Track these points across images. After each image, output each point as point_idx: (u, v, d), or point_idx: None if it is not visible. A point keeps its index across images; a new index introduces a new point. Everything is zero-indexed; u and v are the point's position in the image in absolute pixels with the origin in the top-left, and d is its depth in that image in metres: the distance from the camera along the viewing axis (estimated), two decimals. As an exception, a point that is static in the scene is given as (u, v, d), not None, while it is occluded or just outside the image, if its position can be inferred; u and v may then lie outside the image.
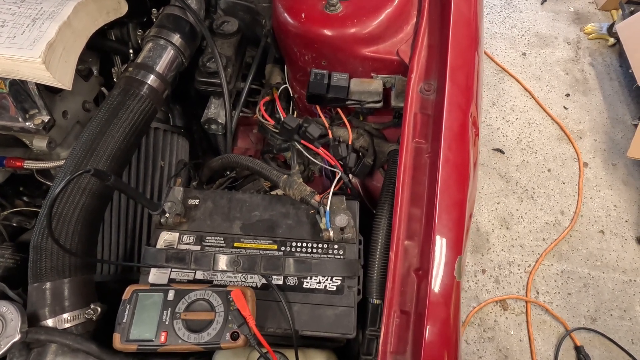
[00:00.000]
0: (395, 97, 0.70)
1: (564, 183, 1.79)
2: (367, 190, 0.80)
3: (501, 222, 1.71)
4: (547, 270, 1.60)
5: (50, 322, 0.52)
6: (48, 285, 0.54)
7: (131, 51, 0.86)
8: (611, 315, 1.51)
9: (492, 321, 1.51)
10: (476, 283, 1.58)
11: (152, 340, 0.47)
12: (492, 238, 1.68)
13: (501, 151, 1.87)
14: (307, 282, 0.56)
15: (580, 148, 1.87)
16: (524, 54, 2.16)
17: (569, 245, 1.65)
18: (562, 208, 1.73)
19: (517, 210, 1.73)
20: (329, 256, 0.58)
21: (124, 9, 0.76)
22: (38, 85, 0.67)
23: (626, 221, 1.70)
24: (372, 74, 0.71)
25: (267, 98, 0.81)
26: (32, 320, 0.52)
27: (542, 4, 2.35)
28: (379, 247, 0.60)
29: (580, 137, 1.90)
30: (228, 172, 0.81)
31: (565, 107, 1.99)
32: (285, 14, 0.70)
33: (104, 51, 0.86)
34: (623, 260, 1.61)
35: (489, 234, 1.68)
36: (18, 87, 0.68)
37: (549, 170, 1.82)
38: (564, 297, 1.55)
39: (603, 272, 1.59)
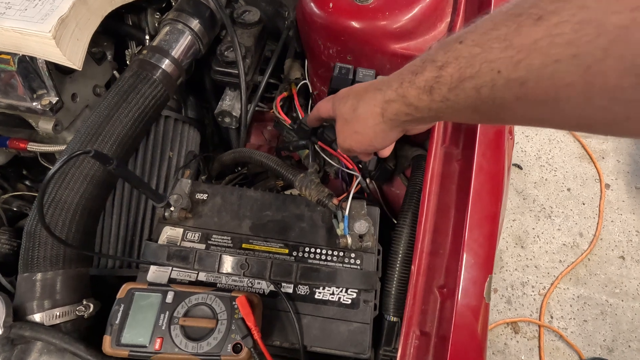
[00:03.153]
0: (423, 99, 0.65)
1: (584, 204, 1.72)
2: (385, 196, 0.75)
3: (516, 240, 1.64)
4: (562, 294, 1.53)
5: (37, 317, 0.48)
6: (39, 276, 0.49)
7: (147, 37, 0.82)
8: (629, 346, 1.43)
9: (503, 344, 1.43)
10: (487, 302, 1.51)
11: (145, 347, 0.43)
12: (505, 256, 1.61)
13: (519, 167, 1.80)
14: (320, 293, 0.51)
15: (603, 168, 1.79)
16: (547, 68, 2.10)
17: (587, 270, 1.58)
18: (581, 230, 1.66)
19: (533, 229, 1.66)
20: (344, 265, 0.53)
21: (143, -9, 0.73)
22: (48, 64, 0.64)
23: (649, 248, 1.62)
24: (400, 73, 0.67)
25: (285, 94, 0.77)
26: (18, 313, 0.48)
27: (568, 19, 2.29)
28: (399, 259, 0.55)
29: (603, 157, 1.83)
30: (239, 168, 0.77)
31: (588, 126, 1.92)
32: (312, 4, 0.66)
33: (120, 35, 0.83)
34: (644, 289, 1.53)
35: (502, 252, 1.62)
36: (27, 65, 0.64)
37: (568, 189, 1.75)
38: (580, 323, 1.47)
39: (622, 300, 1.51)
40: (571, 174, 1.79)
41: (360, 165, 0.68)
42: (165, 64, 0.65)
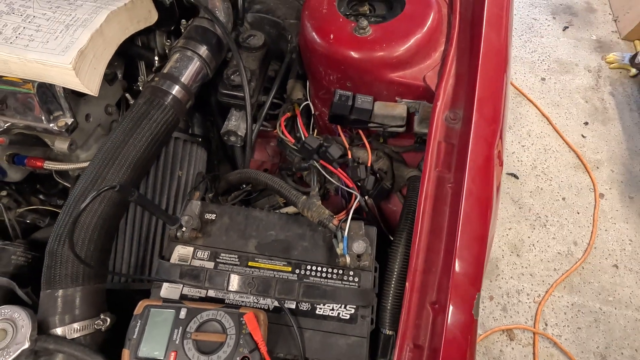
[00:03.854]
0: (418, 123, 0.69)
1: (578, 213, 1.75)
2: (383, 213, 0.79)
3: (512, 249, 1.68)
4: (557, 302, 1.56)
5: (59, 331, 0.52)
6: (60, 292, 0.53)
7: (156, 58, 0.87)
8: (622, 354, 1.47)
9: (498, 351, 1.47)
10: (483, 310, 1.55)
11: (161, 360, 0.46)
12: (501, 264, 1.64)
13: (515, 176, 1.84)
14: (321, 309, 0.55)
15: (597, 178, 1.83)
16: (543, 79, 2.15)
17: (581, 278, 1.61)
18: (576, 238, 1.69)
19: (528, 237, 1.70)
20: (343, 283, 0.57)
21: (154, 18, 0.77)
22: (64, 88, 0.68)
23: (641, 257, 1.65)
24: (397, 98, 0.71)
25: (288, 114, 0.81)
26: (41, 327, 0.52)
27: (564, 30, 2.34)
28: (394, 276, 0.59)
29: (597, 167, 1.87)
30: (244, 185, 0.81)
31: (583, 136, 1.96)
32: (314, 33, 0.70)
33: (130, 56, 0.87)
34: (637, 297, 1.57)
35: (498, 260, 1.65)
36: (45, 89, 0.68)
37: (563, 198, 1.79)
38: (574, 331, 1.51)
39: (615, 308, 1.55)
40: (566, 183, 1.83)
41: (359, 184, 0.72)
42: (176, 90, 0.69)
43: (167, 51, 0.83)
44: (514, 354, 1.46)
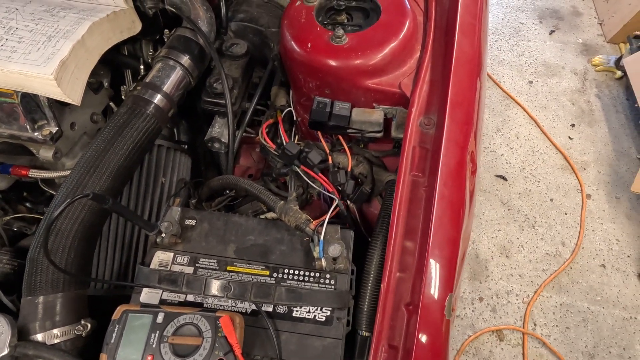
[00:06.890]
0: (395, 128, 0.71)
1: (566, 214, 1.78)
2: (364, 216, 0.80)
3: (501, 250, 1.70)
4: (545, 302, 1.58)
5: (39, 337, 0.53)
6: (41, 299, 0.54)
7: (142, 67, 0.88)
8: (610, 352, 1.48)
9: (488, 351, 1.48)
10: (473, 311, 1.56)
11: (137, 363, 0.47)
12: (490, 265, 1.66)
13: (504, 178, 1.86)
14: (297, 311, 0.56)
15: (584, 179, 1.86)
16: (530, 82, 2.18)
17: (569, 278, 1.63)
18: (564, 239, 1.72)
19: (517, 238, 1.72)
20: (320, 286, 0.58)
21: (137, 27, 0.79)
22: (49, 97, 0.69)
23: (628, 256, 1.67)
24: (374, 105, 0.72)
25: (271, 121, 0.82)
26: (22, 333, 0.52)
27: (550, 34, 2.37)
28: (371, 278, 0.60)
29: (584, 169, 1.90)
30: (227, 191, 0.82)
31: (570, 138, 1.99)
32: (292, 42, 0.72)
33: (116, 65, 0.89)
34: (624, 297, 1.59)
35: (487, 261, 1.67)
36: (29, 99, 0.70)
37: (551, 200, 1.81)
38: (562, 330, 1.52)
39: (603, 308, 1.57)
40: (554, 184, 1.85)
41: (339, 189, 0.74)
42: (158, 99, 0.70)
43: (150, 60, 0.85)
44: (504, 355, 1.47)
